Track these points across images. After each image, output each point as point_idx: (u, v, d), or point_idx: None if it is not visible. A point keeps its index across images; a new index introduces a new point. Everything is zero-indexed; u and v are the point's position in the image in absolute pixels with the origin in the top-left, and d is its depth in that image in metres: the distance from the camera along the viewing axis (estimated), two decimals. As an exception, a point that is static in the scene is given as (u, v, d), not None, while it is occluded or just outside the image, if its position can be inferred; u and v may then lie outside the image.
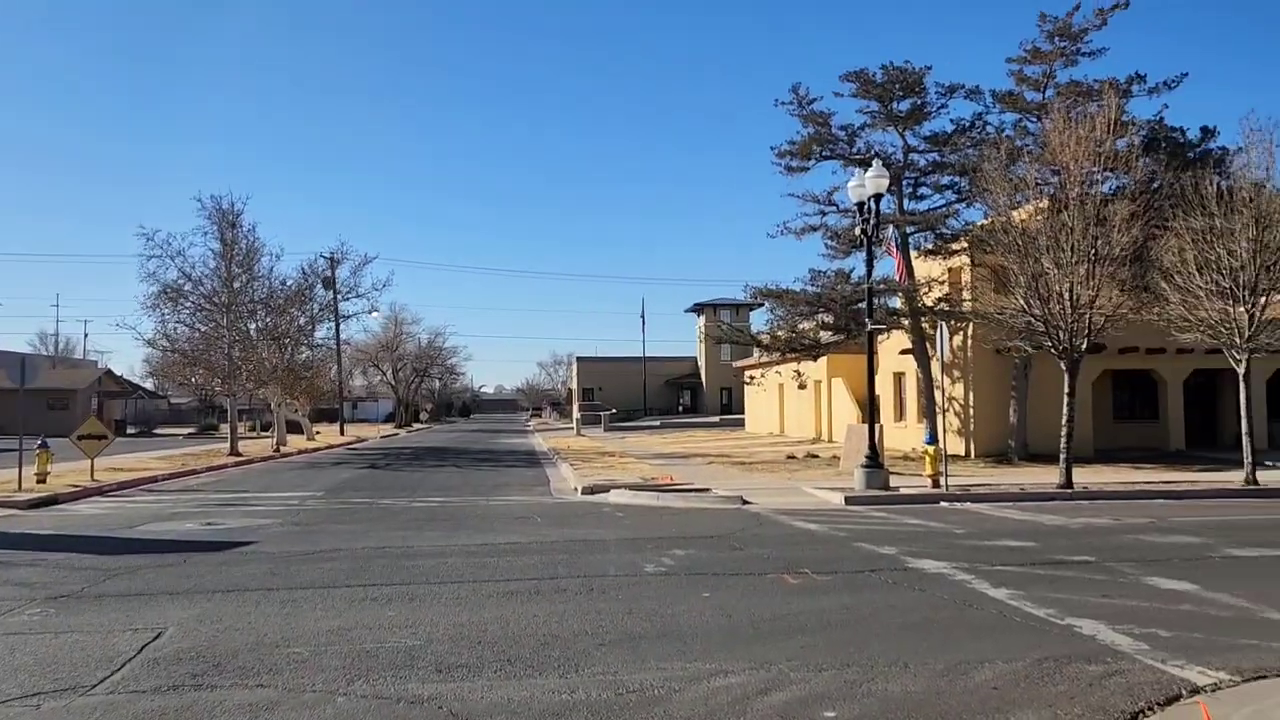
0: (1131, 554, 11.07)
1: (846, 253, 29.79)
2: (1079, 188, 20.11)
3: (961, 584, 9.43)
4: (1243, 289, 19.75)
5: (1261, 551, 11.11)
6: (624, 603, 8.75)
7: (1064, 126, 20.85)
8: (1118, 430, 30.42)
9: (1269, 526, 13.61)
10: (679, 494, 19.26)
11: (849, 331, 29.90)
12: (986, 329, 24.52)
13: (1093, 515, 15.17)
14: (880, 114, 29.16)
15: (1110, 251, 19.42)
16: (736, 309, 76.79)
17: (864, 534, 13.19)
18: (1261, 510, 15.95)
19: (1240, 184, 20.64)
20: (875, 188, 19.94)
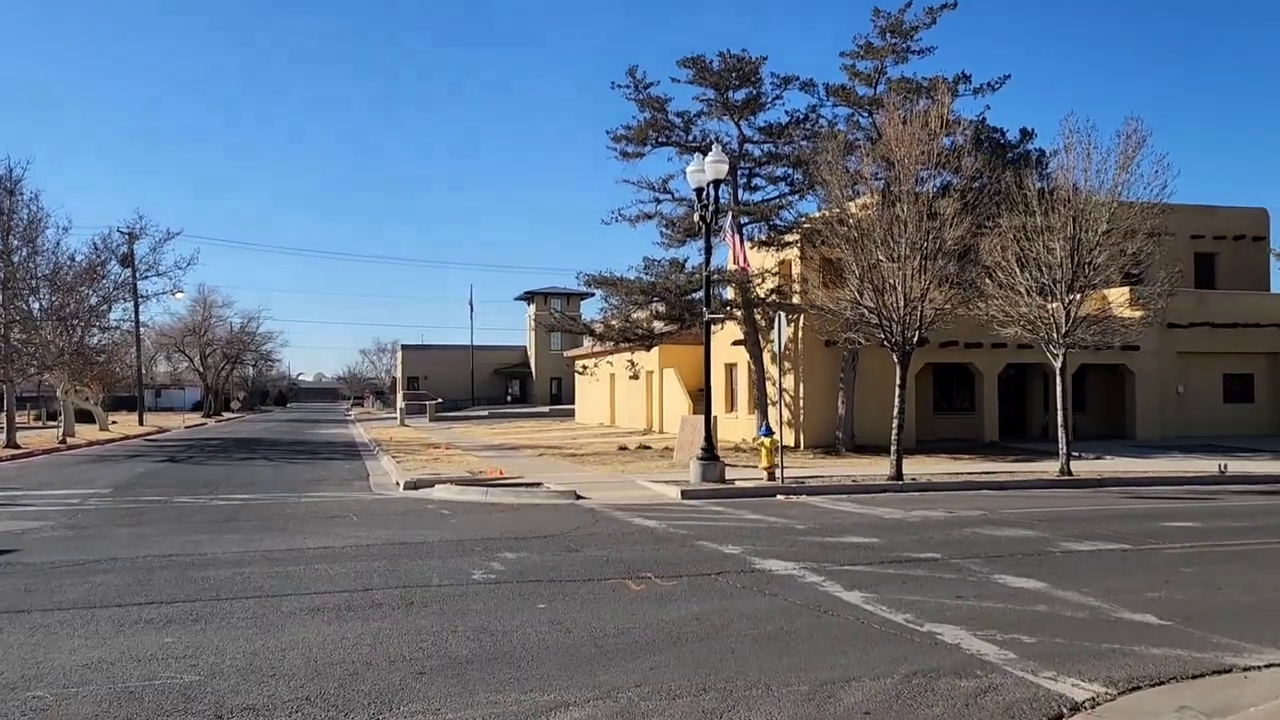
0: (975, 550, 10.88)
1: (681, 241, 29.45)
2: (912, 181, 20.29)
3: (813, 587, 8.89)
4: (1060, 285, 20.42)
5: (1096, 545, 11.14)
6: (448, 618, 7.72)
7: (898, 120, 21.00)
8: (937, 421, 31.38)
9: (1094, 518, 13.87)
10: (509, 489, 18.23)
11: (683, 322, 29.59)
12: (820, 321, 24.60)
13: (926, 508, 15.15)
14: (716, 102, 28.92)
15: (943, 245, 19.65)
16: (568, 298, 75.96)
17: (706, 531, 12.58)
18: (1081, 501, 16.39)
19: (1059, 184, 21.37)
20: (715, 173, 19.47)
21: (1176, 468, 21.87)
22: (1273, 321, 33.97)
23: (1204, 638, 7.00)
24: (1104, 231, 20.35)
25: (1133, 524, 12.96)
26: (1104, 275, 21.04)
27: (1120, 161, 20.63)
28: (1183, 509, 14.93)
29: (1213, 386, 33.79)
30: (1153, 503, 15.93)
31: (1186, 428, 32.72)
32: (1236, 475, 20.25)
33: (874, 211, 20.90)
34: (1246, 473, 20.78)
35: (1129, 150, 20.58)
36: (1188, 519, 13.52)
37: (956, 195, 20.41)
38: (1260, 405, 34.14)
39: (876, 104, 27.29)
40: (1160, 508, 15.14)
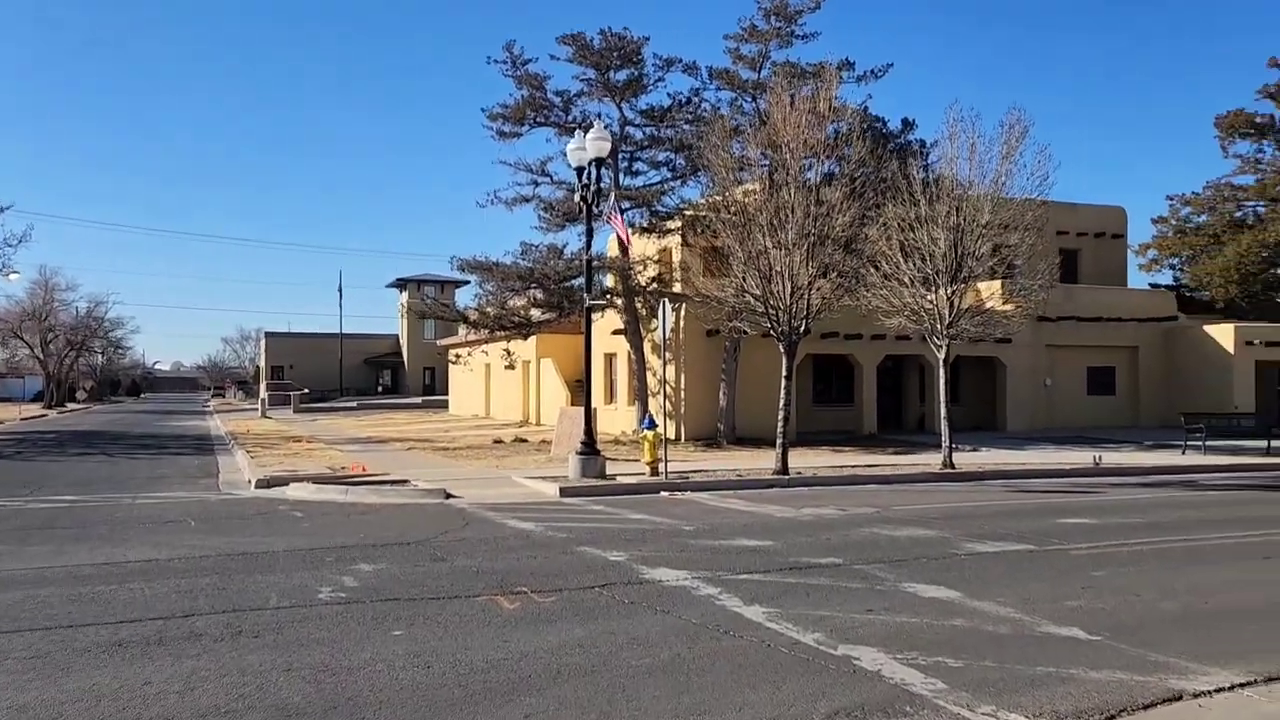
0: (876, 553, 10.15)
1: (561, 226, 28.30)
2: (799, 166, 19.69)
3: (710, 601, 7.94)
4: (943, 276, 20.17)
5: (1000, 546, 10.57)
6: (283, 652, 6.44)
7: (785, 102, 20.37)
8: (817, 413, 31.17)
9: (989, 515, 13.42)
10: (372, 487, 16.78)
11: (561, 309, 28.45)
12: (703, 309, 23.86)
13: (817, 505, 14.48)
14: (597, 82, 27.87)
15: (831, 232, 19.11)
16: (443, 285, 73.63)
17: (587, 535, 11.53)
18: (969, 495, 16.02)
19: (943, 173, 21.15)
20: (596, 151, 18.41)
21: (1052, 459, 22.00)
22: (1133, 316, 35.11)
23: (1140, 656, 6.35)
24: (986, 223, 20.21)
25: (1029, 521, 12.53)
26: (986, 266, 20.92)
27: (1003, 151, 20.51)
28: (1073, 504, 14.68)
29: (1078, 379, 34.70)
30: (1040, 497, 15.67)
31: (1053, 419, 33.47)
32: (1110, 467, 20.42)
33: (760, 197, 20.23)
34: (1119, 465, 21.01)
35: (1012, 140, 20.47)
36: (1081, 515, 13.20)
37: (844, 182, 19.90)
38: (1121, 398, 35.24)
39: (761, 88, 26.72)
40: (1050, 503, 14.86)
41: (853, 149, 20.75)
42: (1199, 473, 20.50)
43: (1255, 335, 33.90)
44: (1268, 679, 5.89)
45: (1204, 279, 36.47)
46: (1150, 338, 35.30)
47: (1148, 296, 37.12)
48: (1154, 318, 35.51)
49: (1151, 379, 35.17)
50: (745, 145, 22.10)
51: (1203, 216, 38.91)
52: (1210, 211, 38.74)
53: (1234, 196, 38.30)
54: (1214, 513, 13.55)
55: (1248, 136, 38.05)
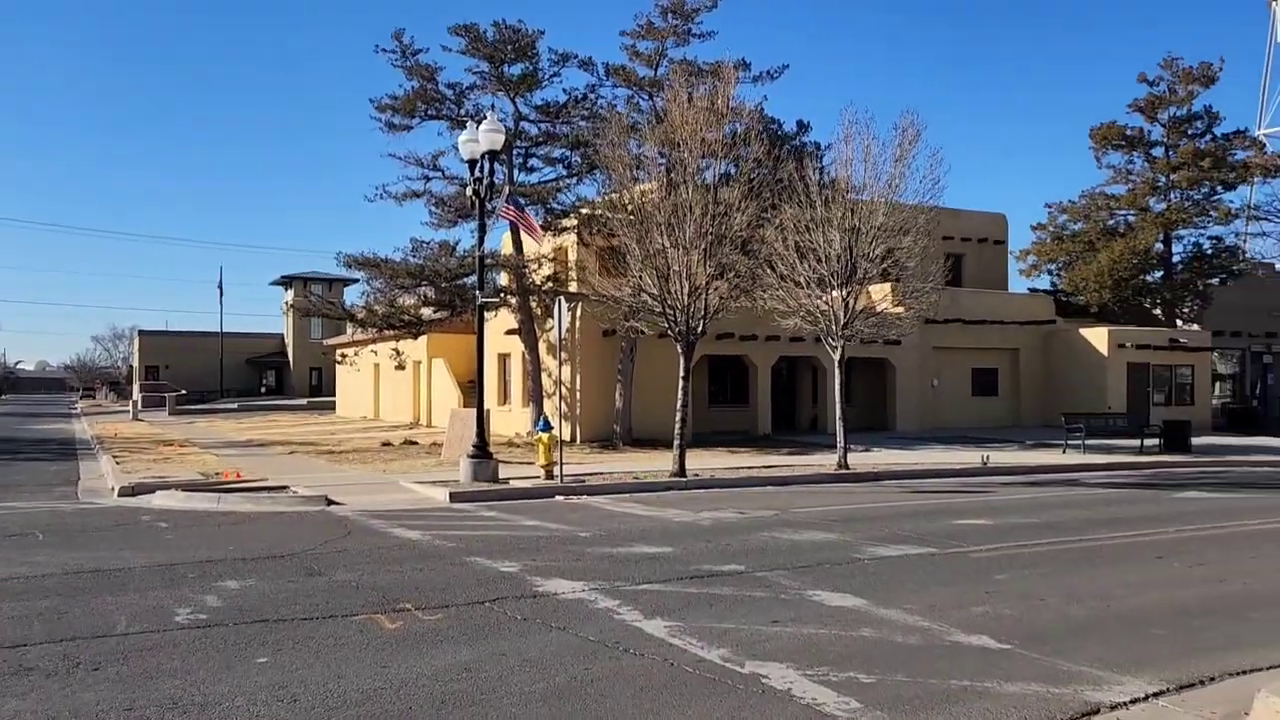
0: (778, 559, 9.85)
1: (453, 222, 27.50)
2: (697, 164, 19.42)
3: (608, 615, 7.47)
4: (839, 278, 20.20)
5: (902, 550, 10.39)
6: (126, 688, 5.70)
7: (683, 99, 20.09)
8: (712, 414, 31.05)
9: (888, 517, 13.32)
10: (247, 495, 15.77)
11: (453, 308, 27.65)
12: (600, 309, 23.41)
13: (715, 508, 14.17)
14: (491, 76, 27.17)
15: (729, 232, 18.89)
16: (331, 283, 71.30)
17: (478, 543, 10.93)
18: (867, 497, 15.97)
19: (839, 175, 21.21)
20: (489, 143, 17.76)
21: (942, 459, 22.28)
22: (1015, 319, 36.16)
23: (1052, 665, 6.14)
24: (879, 225, 20.32)
25: (928, 523, 12.45)
26: (880, 268, 21.06)
27: (896, 154, 20.65)
28: (967, 505, 14.73)
29: (963, 380, 35.53)
30: (936, 498, 15.71)
31: (940, 419, 34.15)
32: (997, 467, 20.76)
33: (658, 196, 19.90)
34: (1005, 464, 21.39)
35: (905, 144, 20.62)
36: (977, 516, 13.21)
37: (741, 182, 19.71)
38: (1003, 398, 36.24)
39: (658, 86, 26.43)
40: (946, 503, 14.89)
41: (750, 149, 20.60)
42: (1081, 471, 21.03)
43: (1126, 338, 35.30)
44: (1179, 687, 5.74)
45: (1080, 284, 37.72)
46: (1030, 340, 36.40)
47: (1028, 300, 38.29)
48: (1034, 321, 36.65)
49: (1031, 380, 36.27)
50: (642, 143, 21.76)
51: (1078, 224, 40.29)
52: (1085, 219, 40.14)
53: (1107, 205, 39.77)
54: (1102, 512, 13.75)
55: (1119, 148, 39.56)
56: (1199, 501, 15.06)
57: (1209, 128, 38.29)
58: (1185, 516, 13.08)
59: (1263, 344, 40.99)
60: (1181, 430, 25.98)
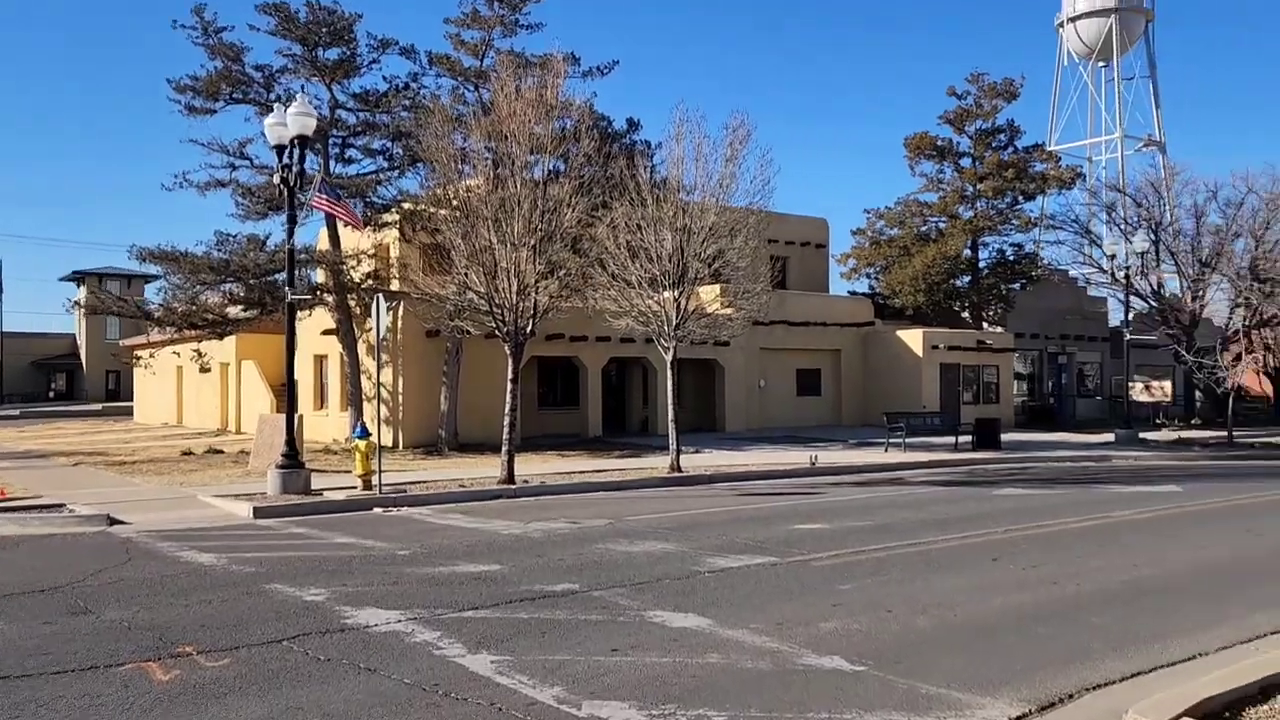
0: (615, 574, 9.21)
1: (263, 214, 25.62)
2: (525, 157, 18.64)
3: (427, 651, 6.62)
4: (671, 278, 19.88)
5: (742, 560, 9.96)
6: None
7: (511, 90, 19.26)
8: (542, 417, 30.30)
9: (724, 523, 12.94)
10: (13, 515, 13.87)
11: (264, 306, 25.74)
12: (424, 308, 22.24)
13: (546, 518, 13.44)
14: (304, 60, 25.48)
15: (560, 228, 18.20)
16: (130, 279, 66.11)
17: (282, 567, 9.79)
18: (701, 501, 15.61)
19: (670, 174, 20.91)
20: (299, 127, 16.38)
21: (772, 460, 22.33)
22: (837, 321, 37.13)
23: (911, 688, 5.75)
24: (711, 225, 20.15)
25: (765, 529, 12.13)
26: (711, 269, 20.90)
27: (727, 154, 20.54)
28: (802, 507, 14.57)
29: (788, 381, 36.14)
30: (770, 500, 15.51)
31: (766, 419, 34.62)
32: (826, 466, 20.96)
33: (485, 190, 18.99)
34: (833, 464, 21.63)
35: (736, 143, 20.55)
36: (813, 519, 13.02)
37: (572, 176, 19.07)
38: (825, 398, 37.11)
39: (484, 77, 25.47)
40: (780, 506, 14.68)
41: (580, 145, 19.96)
42: (904, 470, 21.50)
43: (939, 340, 36.83)
44: (1041, 708, 5.45)
45: (896, 287, 39.08)
46: (851, 341, 37.46)
47: (850, 303, 39.41)
48: (855, 323, 37.75)
49: (852, 380, 37.33)
50: (468, 136, 20.79)
51: (895, 230, 41.78)
52: (901, 225, 41.65)
53: (921, 212, 41.40)
54: (931, 512, 13.85)
55: (931, 158, 41.28)
56: (1017, 499, 15.47)
57: (1011, 140, 40.44)
58: (1009, 515, 13.31)
59: (1058, 345, 43.69)
60: (992, 428, 27.13)
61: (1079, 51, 70.48)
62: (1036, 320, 42.31)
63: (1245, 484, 17.56)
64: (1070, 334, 44.03)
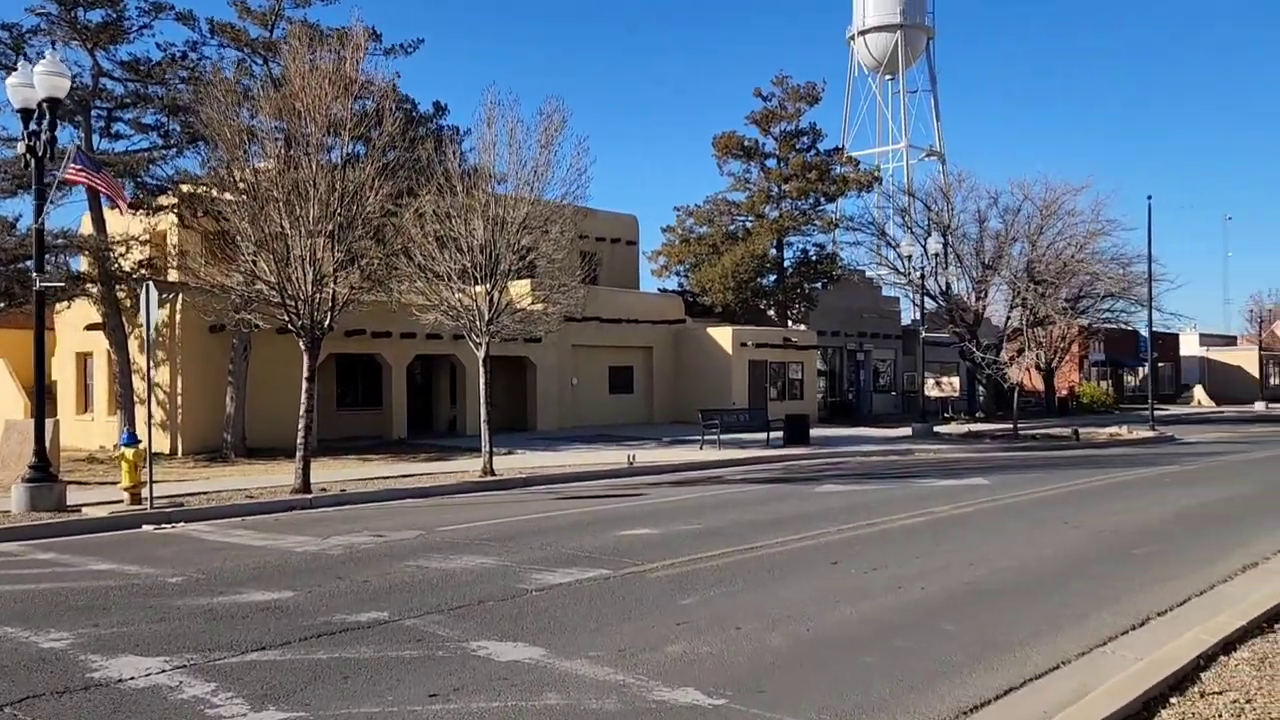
0: (430, 597, 8.12)
1: (10, 192, 22.59)
2: (321, 139, 17.04)
3: (196, 711, 5.36)
4: (483, 270, 18.78)
5: (571, 574, 9.06)
6: None
7: (305, 62, 17.59)
8: (341, 418, 28.39)
9: (546, 530, 12.00)
10: None
11: (12, 297, 22.69)
12: (207, 300, 20.08)
13: (349, 530, 12.09)
14: (61, 20, 22.58)
15: (361, 214, 16.73)
16: None
17: (16, 605, 8.10)
18: (518, 506, 14.61)
19: (482, 160, 19.79)
20: (49, 88, 14.19)
21: (589, 460, 21.60)
22: (648, 318, 36.93)
23: (781, 724, 5.05)
24: (525, 215, 19.20)
25: (592, 537, 11.28)
26: (526, 261, 19.94)
27: (542, 140, 19.61)
28: (627, 511, 13.83)
29: (600, 378, 35.62)
30: (592, 504, 14.69)
31: (579, 418, 33.96)
32: (644, 466, 20.42)
33: (275, 171, 17.24)
34: (651, 463, 21.12)
35: (551, 130, 19.64)
36: (640, 524, 12.29)
37: (375, 157, 17.59)
38: (637, 396, 36.84)
39: (273, 50, 23.39)
40: (604, 510, 13.89)
41: (384, 127, 18.48)
42: (722, 468, 21.26)
43: (748, 337, 37.29)
44: (925, 738, 4.86)
45: (706, 285, 39.32)
46: (663, 339, 37.37)
47: (661, 300, 39.34)
48: (666, 320, 37.69)
49: (663, 377, 37.23)
50: (256, 112, 18.89)
51: (704, 228, 42.09)
52: (710, 224, 41.99)
53: (729, 211, 41.88)
54: (760, 512, 13.41)
55: (738, 157, 41.82)
56: (841, 496, 15.34)
57: (814, 143, 41.52)
58: (838, 513, 13.05)
59: (856, 343, 45.31)
60: (802, 424, 27.48)
61: (868, 64, 73.98)
62: (837, 318, 43.70)
63: (1043, 475, 18.23)
64: (868, 332, 45.77)
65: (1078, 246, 41.24)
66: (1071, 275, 41.28)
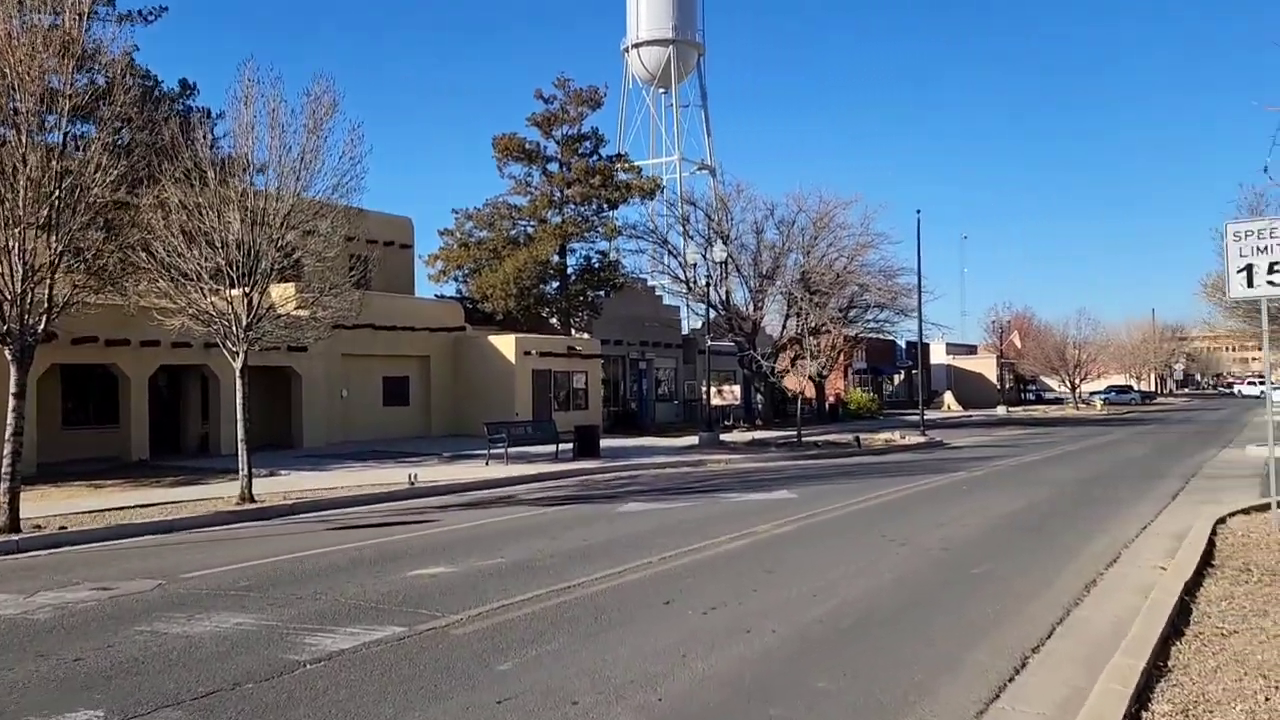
0: (167, 683, 6.21)
1: None
2: (34, 110, 14.24)
3: None
4: (241, 269, 16.45)
5: (357, 635, 7.33)
6: None
7: (13, 24, 14.69)
8: (68, 438, 24.70)
9: (319, 572, 10.10)
10: None
11: None
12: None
13: (65, 582, 9.73)
14: None
15: (89, 199, 14.08)
16: None
17: None
18: (285, 541, 12.51)
19: (238, 145, 17.42)
20: None
21: (365, 481, 19.53)
22: (426, 326, 34.89)
23: None
24: (292, 206, 17.05)
25: (376, 579, 9.54)
26: (293, 259, 17.74)
27: (310, 124, 17.49)
28: (414, 542, 12.07)
29: (374, 390, 33.29)
30: (372, 535, 12.81)
31: (351, 433, 31.52)
32: (427, 486, 18.62)
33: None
34: (434, 482, 19.33)
35: (321, 112, 17.55)
36: (434, 560, 10.62)
37: (106, 133, 14.91)
38: (414, 408, 34.72)
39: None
40: (389, 542, 12.06)
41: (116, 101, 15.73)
42: (513, 485, 19.79)
43: (532, 346, 35.97)
44: None
45: (487, 291, 37.67)
46: (441, 347, 35.44)
47: (439, 306, 37.33)
48: (445, 328, 35.77)
49: (442, 388, 35.30)
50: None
51: (484, 232, 40.41)
52: (490, 227, 40.36)
53: (510, 215, 40.40)
54: (567, 540, 12.04)
55: (520, 160, 40.44)
56: (649, 516, 14.25)
57: (596, 148, 40.78)
58: (652, 538, 11.92)
59: (638, 352, 44.99)
60: (592, 435, 26.42)
61: (643, 77, 74.74)
62: (619, 327, 43.16)
63: (845, 487, 17.94)
64: (650, 341, 45.58)
65: (849, 258, 42.70)
66: (843, 285, 42.68)
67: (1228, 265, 11.62)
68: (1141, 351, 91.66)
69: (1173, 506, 14.54)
